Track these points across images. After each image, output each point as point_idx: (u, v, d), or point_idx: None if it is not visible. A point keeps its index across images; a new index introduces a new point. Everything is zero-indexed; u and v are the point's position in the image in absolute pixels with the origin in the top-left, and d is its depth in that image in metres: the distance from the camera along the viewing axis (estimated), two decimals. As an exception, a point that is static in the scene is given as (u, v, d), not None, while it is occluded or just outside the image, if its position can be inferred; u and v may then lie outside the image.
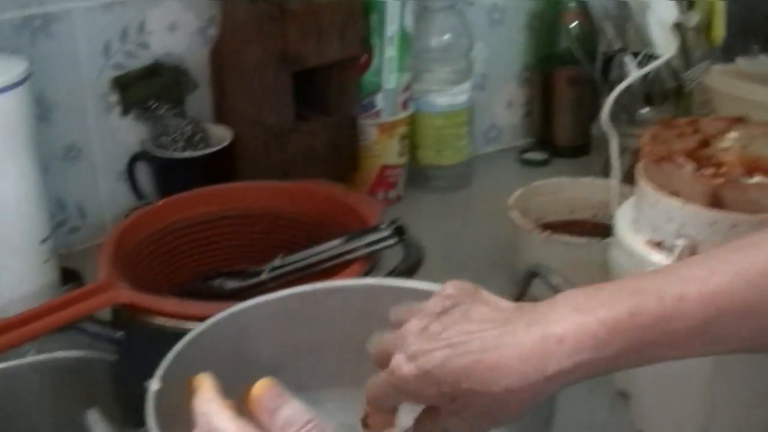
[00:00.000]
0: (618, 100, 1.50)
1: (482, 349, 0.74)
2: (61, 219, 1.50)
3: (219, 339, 0.97)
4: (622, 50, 1.59)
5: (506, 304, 0.80)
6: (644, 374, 1.09)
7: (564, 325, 0.74)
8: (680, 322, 0.74)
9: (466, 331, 0.76)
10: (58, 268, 1.37)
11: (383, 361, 0.80)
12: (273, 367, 0.91)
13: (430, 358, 0.75)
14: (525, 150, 1.82)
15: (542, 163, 1.79)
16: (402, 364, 0.77)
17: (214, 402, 0.70)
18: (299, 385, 0.77)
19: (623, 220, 1.12)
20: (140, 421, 0.87)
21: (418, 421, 0.82)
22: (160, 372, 0.90)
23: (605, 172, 1.58)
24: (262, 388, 0.69)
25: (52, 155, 1.45)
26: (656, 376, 1.08)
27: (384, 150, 1.59)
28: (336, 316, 1.00)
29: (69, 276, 1.39)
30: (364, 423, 0.85)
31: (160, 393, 0.87)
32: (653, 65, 1.49)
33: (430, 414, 0.81)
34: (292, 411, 0.67)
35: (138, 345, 1.11)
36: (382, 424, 0.84)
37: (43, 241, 1.32)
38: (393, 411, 0.84)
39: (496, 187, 1.69)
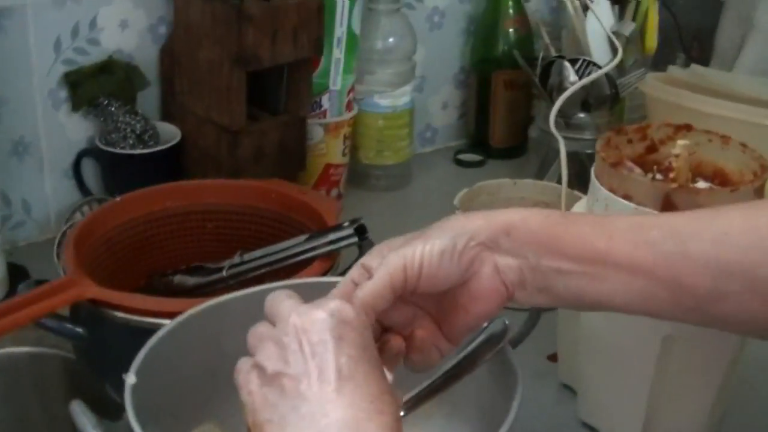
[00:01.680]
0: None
1: None
2: (6, 214, 1.49)
3: (190, 334, 0.98)
4: (561, 57, 1.63)
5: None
6: (588, 368, 1.15)
7: None
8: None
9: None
10: (5, 263, 1.37)
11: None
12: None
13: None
14: (460, 151, 1.86)
15: (477, 164, 1.83)
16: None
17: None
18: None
19: (574, 222, 1.15)
20: (103, 416, 0.90)
21: None
22: (135, 366, 0.91)
23: (540, 173, 1.63)
24: None
25: (0, 150, 1.45)
26: (600, 370, 1.13)
27: (329, 149, 1.62)
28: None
29: (15, 272, 1.39)
30: None
31: (134, 387, 0.89)
32: (597, 74, 1.53)
33: None
34: None
35: (101, 341, 1.12)
36: None
37: (-8, 237, 1.33)
38: None
39: (434, 186, 1.74)
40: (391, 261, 0.82)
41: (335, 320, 0.74)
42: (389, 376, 0.82)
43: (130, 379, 0.90)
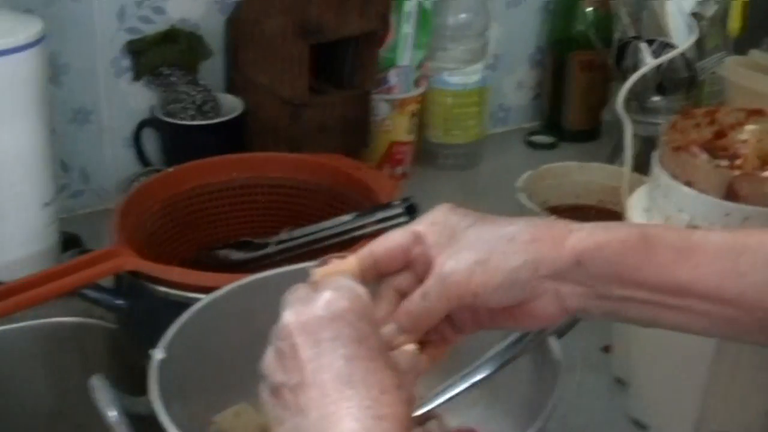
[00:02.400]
0: (631, 88, 1.49)
1: None
2: (65, 182, 1.49)
3: (226, 311, 0.96)
4: (637, 37, 1.58)
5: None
6: (641, 362, 1.10)
7: None
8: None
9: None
10: (59, 232, 1.35)
11: None
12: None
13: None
14: (532, 132, 1.82)
15: (550, 147, 1.78)
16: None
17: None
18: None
19: (635, 209, 1.11)
20: (139, 390, 0.88)
21: None
22: (164, 342, 0.89)
23: (612, 158, 1.58)
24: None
25: (60, 117, 1.44)
26: (654, 365, 1.08)
27: (394, 126, 1.58)
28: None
29: (69, 241, 1.38)
30: None
31: (163, 362, 0.87)
32: (670, 55, 1.48)
33: None
34: None
35: (141, 313, 1.11)
36: None
37: (47, 204, 1.31)
38: None
39: (503, 168, 1.69)
40: (447, 289, 0.77)
41: (329, 314, 0.71)
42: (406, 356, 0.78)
43: (158, 354, 0.88)
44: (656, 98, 1.55)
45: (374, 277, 0.81)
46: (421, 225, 0.81)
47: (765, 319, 0.76)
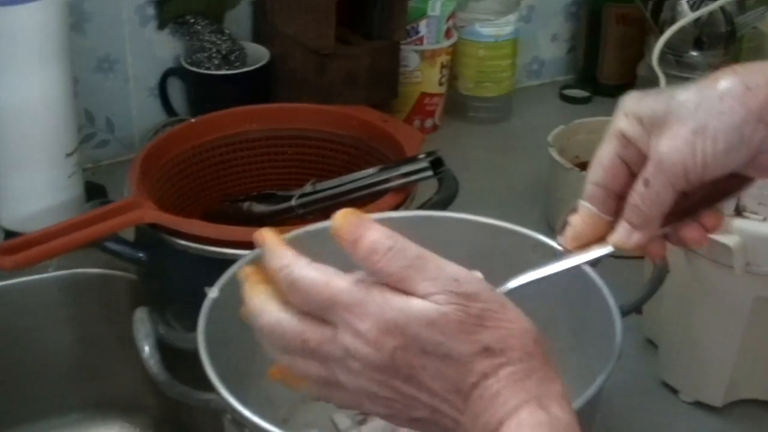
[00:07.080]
0: (668, 42, 1.46)
1: None
2: (90, 132, 1.47)
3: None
4: (676, -11, 1.54)
5: None
6: (671, 324, 1.07)
7: None
8: None
9: None
10: (82, 182, 1.34)
11: None
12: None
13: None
14: (566, 86, 1.78)
15: (584, 101, 1.74)
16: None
17: (288, 253, 0.63)
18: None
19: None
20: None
21: None
22: (221, 282, 0.87)
23: (649, 114, 1.54)
24: (342, 218, 0.62)
25: (85, 66, 1.42)
26: (684, 327, 1.05)
27: (425, 77, 1.56)
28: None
29: (94, 191, 1.37)
30: None
31: (215, 302, 0.85)
32: (709, 8, 1.44)
33: None
34: (374, 237, 0.61)
35: (161, 266, 1.09)
36: None
37: (69, 154, 1.29)
38: None
39: (536, 122, 1.66)
40: (669, 169, 0.71)
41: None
42: None
43: (212, 293, 0.85)
44: (694, 53, 1.52)
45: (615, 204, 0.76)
46: (619, 121, 0.74)
47: None
